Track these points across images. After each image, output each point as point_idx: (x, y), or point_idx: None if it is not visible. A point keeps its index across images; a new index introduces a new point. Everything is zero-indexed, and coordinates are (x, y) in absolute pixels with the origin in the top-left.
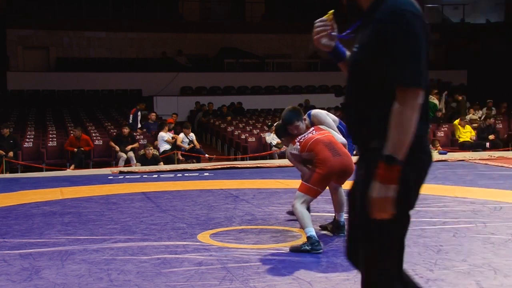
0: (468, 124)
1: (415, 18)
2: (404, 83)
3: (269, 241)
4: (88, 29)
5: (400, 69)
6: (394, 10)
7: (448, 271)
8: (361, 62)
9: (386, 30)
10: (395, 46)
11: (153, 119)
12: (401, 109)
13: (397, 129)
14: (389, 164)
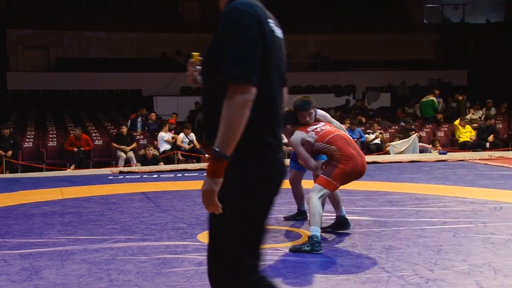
0: (468, 124)
1: (250, 18)
2: (231, 78)
3: (269, 241)
4: (88, 29)
5: (228, 64)
6: (230, 9)
7: (448, 271)
8: (208, 59)
9: (221, 28)
10: (225, 42)
11: (153, 119)
12: (228, 104)
13: (224, 124)
14: (215, 158)
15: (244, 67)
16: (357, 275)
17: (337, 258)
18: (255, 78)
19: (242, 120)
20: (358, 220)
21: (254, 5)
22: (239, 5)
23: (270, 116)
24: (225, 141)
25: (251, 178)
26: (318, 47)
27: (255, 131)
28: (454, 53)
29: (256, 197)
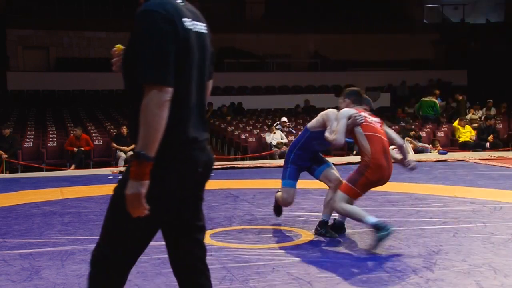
0: (468, 124)
1: (160, 19)
2: (146, 79)
3: (269, 241)
4: (88, 29)
5: (142, 66)
6: (143, 10)
7: (448, 271)
8: (126, 59)
9: (135, 29)
10: (139, 44)
11: None
12: (145, 105)
13: (143, 126)
14: (138, 160)
15: (158, 68)
16: (357, 275)
17: (337, 258)
18: (170, 79)
19: (160, 120)
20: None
21: (166, 4)
22: (151, 6)
23: (187, 114)
24: (146, 142)
25: (169, 178)
26: (318, 47)
27: (171, 130)
28: (454, 53)
29: (172, 197)
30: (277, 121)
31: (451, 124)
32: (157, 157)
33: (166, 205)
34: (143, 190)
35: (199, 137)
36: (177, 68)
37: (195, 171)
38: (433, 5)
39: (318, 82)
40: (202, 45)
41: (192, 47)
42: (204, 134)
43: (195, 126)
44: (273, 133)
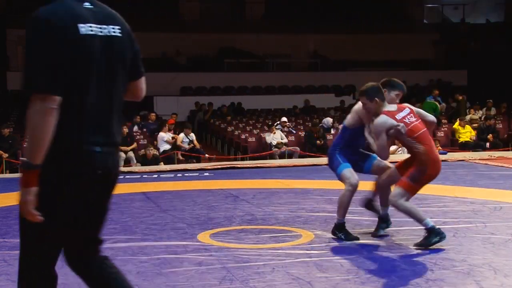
0: (468, 124)
1: (47, 27)
2: (28, 87)
3: (269, 241)
4: None
5: (25, 74)
6: (31, 17)
7: (448, 271)
8: None
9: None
10: (26, 52)
11: (153, 119)
12: (29, 114)
13: (28, 134)
14: (24, 168)
15: (40, 77)
16: (357, 275)
17: (337, 258)
18: (53, 87)
19: (44, 128)
20: (358, 220)
21: (58, 10)
22: (40, 12)
23: (83, 119)
24: (31, 150)
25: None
26: (318, 47)
27: (63, 136)
28: (454, 53)
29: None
30: (277, 121)
31: (451, 124)
32: (50, 163)
33: (61, 210)
34: (30, 197)
35: (102, 141)
36: (69, 74)
37: (90, 176)
38: (433, 5)
39: (318, 82)
40: (110, 48)
41: (92, 52)
42: (110, 138)
43: (97, 131)
44: (273, 133)
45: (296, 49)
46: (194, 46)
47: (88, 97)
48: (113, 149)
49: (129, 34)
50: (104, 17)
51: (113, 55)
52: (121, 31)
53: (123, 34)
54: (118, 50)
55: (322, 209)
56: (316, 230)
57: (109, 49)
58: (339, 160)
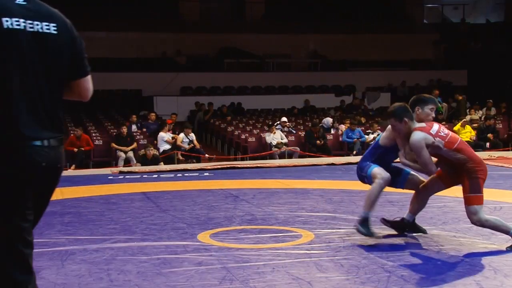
0: (468, 124)
1: None
2: None
3: (269, 241)
4: (88, 29)
5: None
6: None
7: (448, 271)
8: None
9: None
10: None
11: (153, 119)
12: None
13: None
14: None
15: None
16: (357, 275)
17: (337, 258)
18: None
19: None
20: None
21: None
22: None
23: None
24: None
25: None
26: (318, 47)
27: None
28: (454, 53)
29: None
30: (277, 121)
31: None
32: None
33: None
34: None
35: (34, 136)
36: None
37: (17, 172)
38: (433, 5)
39: (318, 82)
40: (42, 45)
41: (16, 46)
42: (44, 134)
43: (28, 126)
44: (273, 133)
45: (296, 49)
46: (194, 46)
47: (12, 91)
48: (51, 145)
49: (69, 33)
50: (37, 14)
51: (45, 52)
52: (57, 29)
53: (59, 32)
54: (52, 47)
55: (322, 209)
56: (316, 230)
57: (41, 46)
58: (368, 164)
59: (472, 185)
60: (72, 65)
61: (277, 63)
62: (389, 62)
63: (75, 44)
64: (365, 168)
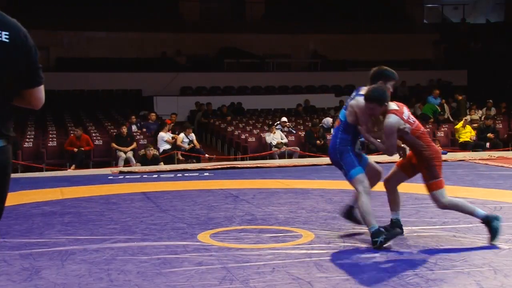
0: (468, 124)
1: None
2: None
3: (269, 241)
4: (88, 29)
5: None
6: None
7: (448, 271)
8: None
9: None
10: None
11: (153, 119)
12: None
13: None
14: None
15: None
16: (357, 275)
17: (337, 258)
18: None
19: None
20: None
21: None
22: None
23: None
24: None
25: None
26: (318, 47)
27: None
28: (454, 53)
29: None
30: (277, 121)
31: (451, 124)
32: None
33: None
34: None
35: None
36: None
37: None
38: (433, 5)
39: (318, 82)
40: None
41: None
42: None
43: None
44: (273, 133)
45: (296, 49)
46: (194, 46)
47: None
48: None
49: (23, 42)
50: None
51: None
52: (9, 37)
53: (11, 41)
54: (2, 55)
55: (322, 209)
56: (316, 230)
57: None
58: (353, 159)
59: (430, 172)
60: (26, 74)
61: (277, 63)
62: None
63: (30, 54)
64: (347, 160)
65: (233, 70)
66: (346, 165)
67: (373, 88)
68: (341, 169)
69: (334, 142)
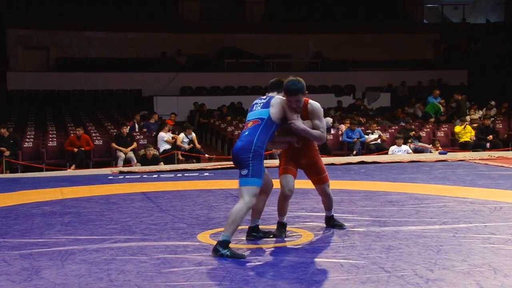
0: (468, 124)
1: None
2: None
3: (269, 241)
4: (88, 29)
5: None
6: None
7: (448, 271)
8: None
9: None
10: None
11: (156, 119)
12: None
13: None
14: None
15: None
16: (357, 275)
17: (337, 258)
18: None
19: None
20: (358, 220)
21: None
22: None
23: None
24: None
25: None
26: (318, 47)
27: None
28: (454, 53)
29: None
30: None
31: (451, 124)
32: None
33: None
34: None
35: None
36: None
37: None
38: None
39: (318, 82)
40: None
41: None
42: None
43: None
44: None
45: (296, 49)
46: (194, 46)
47: None
48: None
49: None
50: None
51: None
52: None
53: None
54: None
55: (322, 209)
56: (316, 230)
57: None
58: (261, 167)
59: (322, 165)
60: None
61: (277, 63)
62: (389, 62)
63: None
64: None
65: (233, 70)
66: (254, 171)
67: (290, 80)
68: (243, 168)
69: (250, 141)
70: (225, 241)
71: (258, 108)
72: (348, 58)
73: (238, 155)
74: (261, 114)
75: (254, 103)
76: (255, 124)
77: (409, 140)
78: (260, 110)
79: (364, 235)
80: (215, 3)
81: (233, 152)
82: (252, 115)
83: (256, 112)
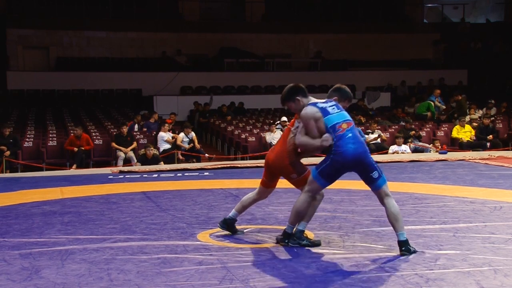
0: (468, 124)
1: None
2: None
3: (269, 241)
4: (88, 29)
5: None
6: None
7: (448, 271)
8: None
9: None
10: None
11: (156, 119)
12: None
13: None
14: None
15: None
16: (357, 275)
17: (337, 258)
18: None
19: None
20: (358, 220)
21: None
22: None
23: None
24: None
25: None
26: (319, 47)
27: None
28: (454, 53)
29: None
30: (277, 120)
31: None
32: None
33: None
34: None
35: None
36: None
37: None
38: (433, 5)
39: (318, 82)
40: None
41: None
42: None
43: None
44: (273, 132)
45: (296, 49)
46: (194, 46)
47: None
48: None
49: None
50: None
51: None
52: None
53: None
54: None
55: (322, 209)
56: (316, 230)
57: None
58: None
59: (301, 167)
60: None
61: (277, 63)
62: (389, 62)
63: None
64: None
65: (233, 70)
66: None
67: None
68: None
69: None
70: (301, 232)
71: (336, 110)
72: (348, 58)
73: (364, 158)
74: (347, 116)
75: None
76: (350, 125)
77: (409, 139)
78: (343, 112)
79: (364, 235)
80: (215, 3)
81: (357, 155)
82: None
83: (342, 113)
